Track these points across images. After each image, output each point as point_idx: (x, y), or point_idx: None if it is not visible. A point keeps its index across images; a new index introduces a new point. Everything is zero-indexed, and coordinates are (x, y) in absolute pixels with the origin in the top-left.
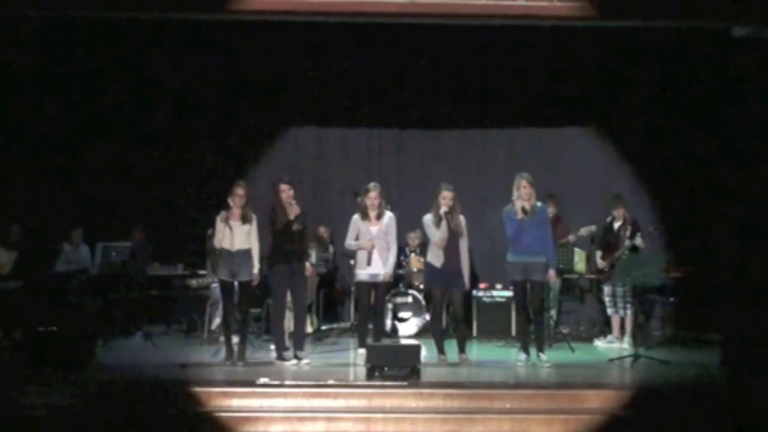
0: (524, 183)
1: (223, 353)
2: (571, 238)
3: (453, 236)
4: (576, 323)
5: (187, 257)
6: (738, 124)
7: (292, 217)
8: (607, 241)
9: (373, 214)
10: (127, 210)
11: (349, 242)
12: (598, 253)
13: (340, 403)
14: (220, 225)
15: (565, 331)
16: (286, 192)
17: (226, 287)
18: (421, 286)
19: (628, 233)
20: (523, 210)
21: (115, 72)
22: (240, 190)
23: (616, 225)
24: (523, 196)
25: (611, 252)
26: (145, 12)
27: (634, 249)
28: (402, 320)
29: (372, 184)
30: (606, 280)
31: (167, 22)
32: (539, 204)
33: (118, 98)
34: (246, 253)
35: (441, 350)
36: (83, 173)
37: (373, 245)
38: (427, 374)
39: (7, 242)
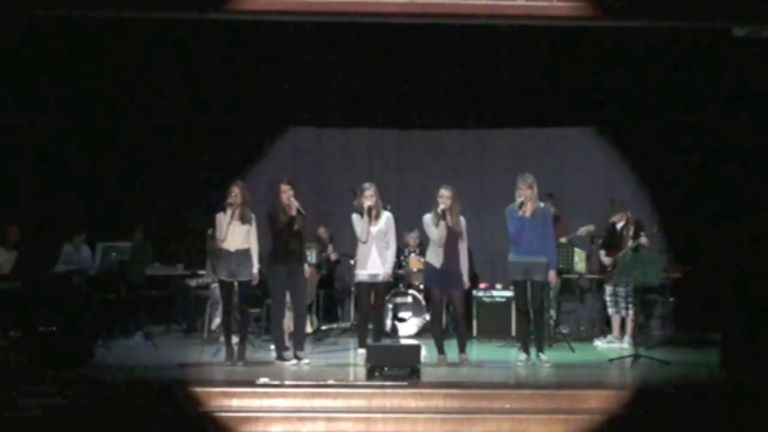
0: (519, 185)
1: (223, 353)
2: (563, 240)
3: (452, 236)
4: (576, 323)
5: (187, 257)
6: (738, 123)
7: (293, 213)
8: (611, 240)
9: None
10: (127, 210)
11: (361, 234)
12: (602, 252)
13: (340, 403)
14: (222, 221)
15: (565, 331)
16: (287, 192)
17: (225, 287)
18: (421, 286)
19: (631, 233)
20: (522, 204)
21: (116, 72)
22: (234, 189)
23: (619, 226)
24: (522, 196)
25: (615, 252)
26: (145, 12)
27: (635, 249)
28: (402, 320)
29: (367, 184)
30: (609, 279)
31: (167, 22)
32: (542, 205)
33: (119, 98)
34: (245, 253)
35: (441, 350)
36: (84, 173)
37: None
38: (427, 374)
39: (7, 242)
